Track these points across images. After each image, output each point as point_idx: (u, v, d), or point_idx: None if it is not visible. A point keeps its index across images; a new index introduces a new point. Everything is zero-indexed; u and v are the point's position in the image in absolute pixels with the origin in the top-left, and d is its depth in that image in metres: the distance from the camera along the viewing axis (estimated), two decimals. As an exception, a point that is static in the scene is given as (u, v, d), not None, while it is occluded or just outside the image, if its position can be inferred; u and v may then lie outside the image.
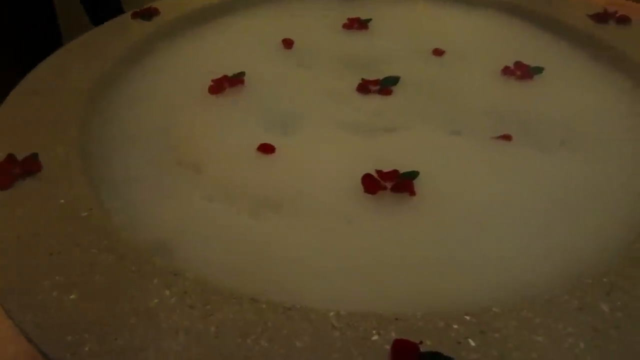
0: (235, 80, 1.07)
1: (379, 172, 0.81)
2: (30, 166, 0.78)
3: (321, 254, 0.71)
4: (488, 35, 1.28)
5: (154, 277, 0.61)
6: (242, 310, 0.57)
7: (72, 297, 0.59)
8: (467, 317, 0.56)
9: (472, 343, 0.54)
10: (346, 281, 0.67)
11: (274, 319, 0.56)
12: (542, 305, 0.58)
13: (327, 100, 1.07)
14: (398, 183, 0.79)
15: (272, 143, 0.90)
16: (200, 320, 0.56)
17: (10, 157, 0.79)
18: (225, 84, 1.07)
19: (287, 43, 1.27)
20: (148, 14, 1.32)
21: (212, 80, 1.07)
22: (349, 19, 1.36)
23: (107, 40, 1.21)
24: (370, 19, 1.36)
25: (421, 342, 0.53)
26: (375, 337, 0.54)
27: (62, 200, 0.73)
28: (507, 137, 0.92)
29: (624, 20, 1.23)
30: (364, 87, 1.10)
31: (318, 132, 0.97)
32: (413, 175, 0.81)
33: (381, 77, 1.12)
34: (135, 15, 1.32)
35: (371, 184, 0.79)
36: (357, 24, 1.36)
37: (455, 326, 0.55)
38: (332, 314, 0.57)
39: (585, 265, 0.66)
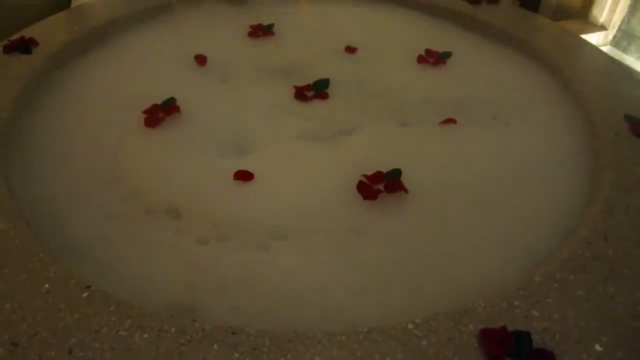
0: (171, 108, 0.98)
1: (368, 177, 0.83)
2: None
3: (348, 271, 0.71)
4: (390, 29, 1.36)
5: (213, 342, 0.55)
6: (324, 349, 0.55)
7: None
8: (521, 292, 0.62)
9: (536, 313, 0.60)
10: (384, 290, 0.68)
11: (358, 347, 0.55)
12: (565, 263, 0.66)
13: (269, 113, 1.05)
14: (389, 183, 0.82)
15: (239, 168, 0.86)
16: (289, 372, 0.52)
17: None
18: (160, 114, 0.97)
19: (200, 59, 1.19)
20: (25, 46, 1.13)
21: (144, 112, 0.97)
22: (252, 26, 1.33)
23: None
24: (273, 24, 1.34)
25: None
26: (458, 334, 0.57)
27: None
28: (452, 121, 1.01)
29: (492, 0, 1.42)
30: (301, 95, 1.09)
31: (279, 148, 0.95)
32: (398, 173, 0.84)
33: (307, 82, 1.12)
34: (8, 49, 1.11)
35: (368, 190, 0.80)
36: (262, 31, 1.33)
37: (516, 302, 0.61)
38: (410, 325, 0.58)
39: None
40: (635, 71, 1.91)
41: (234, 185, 0.83)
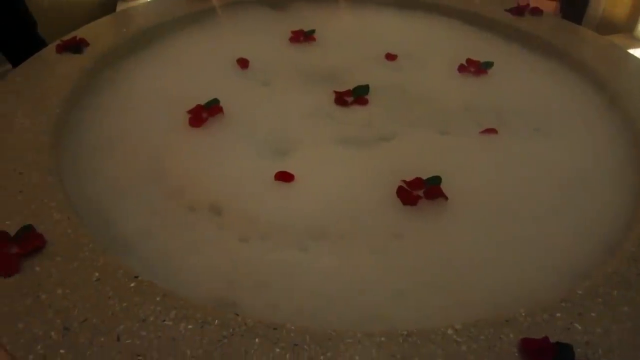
0: (214, 109, 1.01)
1: (407, 182, 0.83)
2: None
3: (389, 274, 0.71)
4: (430, 37, 1.37)
5: (254, 336, 0.56)
6: (363, 349, 0.55)
7: None
8: (563, 304, 0.61)
9: (578, 326, 0.59)
10: (423, 294, 0.68)
11: (398, 349, 0.56)
12: (610, 278, 0.65)
13: (309, 117, 1.06)
14: (429, 190, 0.82)
15: (279, 169, 0.87)
16: (328, 370, 0.53)
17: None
18: (204, 114, 1.00)
19: (243, 63, 1.22)
20: (76, 46, 1.18)
21: (189, 112, 1.00)
22: (293, 32, 1.35)
23: (40, 80, 1.05)
24: (314, 30, 1.37)
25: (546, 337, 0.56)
26: (498, 343, 0.57)
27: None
28: (493, 131, 1.00)
29: (536, 12, 1.40)
30: (341, 100, 1.11)
31: (318, 151, 0.96)
32: (437, 180, 0.84)
33: (347, 87, 1.13)
34: (61, 49, 1.16)
35: (407, 195, 0.81)
36: (303, 37, 1.35)
37: (558, 314, 0.60)
38: (449, 330, 0.58)
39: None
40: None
41: (275, 186, 0.84)
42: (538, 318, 0.59)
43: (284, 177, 0.85)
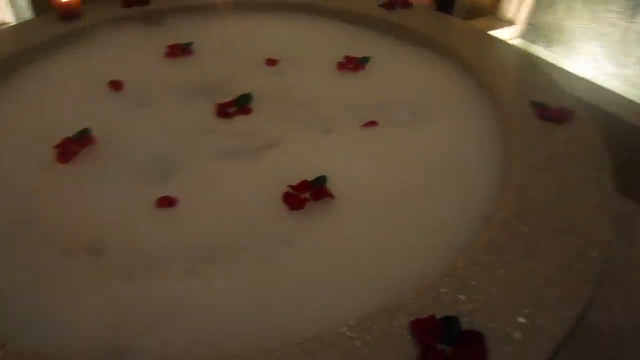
0: (85, 140, 0.94)
1: (293, 187, 0.83)
2: None
3: (281, 284, 0.70)
4: (309, 39, 1.38)
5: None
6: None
7: None
8: (446, 279, 0.64)
9: (462, 297, 0.62)
10: (319, 298, 0.68)
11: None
12: (486, 246, 0.69)
13: (190, 134, 1.02)
14: (315, 191, 0.82)
15: (160, 195, 0.83)
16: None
17: None
18: (74, 147, 0.93)
19: (115, 85, 1.15)
20: None
21: (56, 147, 0.92)
22: (169, 46, 1.31)
23: None
24: (191, 43, 1.33)
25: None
26: (391, 330, 0.58)
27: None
28: (373, 123, 1.03)
29: (406, 4, 1.47)
30: (223, 112, 1.08)
31: (202, 170, 0.92)
32: (323, 180, 0.85)
33: (230, 98, 1.11)
34: None
35: (294, 200, 0.80)
36: (179, 51, 1.31)
37: (443, 290, 0.62)
38: (344, 328, 0.58)
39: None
40: (541, 60, 2.04)
41: (157, 213, 0.80)
42: (425, 298, 0.61)
43: (166, 202, 0.81)
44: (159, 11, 1.47)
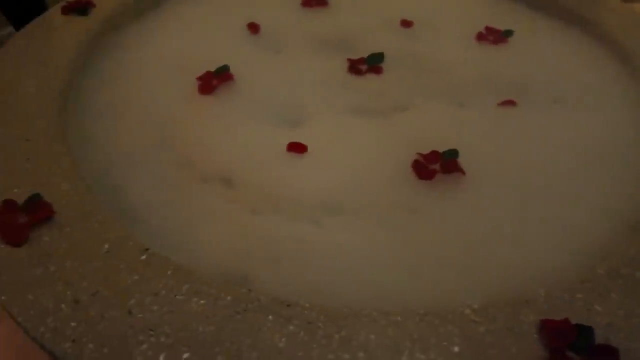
0: (224, 76, 0.98)
1: (423, 155, 0.81)
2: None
3: (402, 250, 0.70)
4: (449, 3, 1.31)
5: (268, 313, 0.55)
6: (380, 328, 0.54)
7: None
8: (584, 284, 0.60)
9: (599, 308, 0.57)
10: (439, 272, 0.67)
11: (415, 328, 0.54)
12: (632, 259, 0.63)
13: (323, 86, 1.03)
14: (445, 164, 0.80)
15: (291, 139, 0.85)
16: (343, 349, 0.52)
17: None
18: (214, 81, 0.97)
19: (253, 28, 1.17)
20: (82, 7, 1.14)
21: (198, 79, 0.97)
22: (306, -7, 1.30)
23: (45, 44, 1.02)
24: (326, -7, 1.31)
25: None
26: (517, 324, 0.55)
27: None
28: (511, 102, 0.97)
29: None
30: (355, 68, 1.07)
31: (332, 121, 0.93)
32: (454, 154, 0.82)
33: (361, 55, 1.09)
34: (66, 10, 1.12)
35: (423, 170, 0.78)
36: (315, 0, 1.30)
37: (578, 295, 0.58)
38: (467, 310, 0.56)
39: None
40: None
41: (287, 157, 0.82)
42: (558, 299, 0.58)
43: (297, 148, 0.83)
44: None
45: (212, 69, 0.99)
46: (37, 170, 0.72)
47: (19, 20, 1.54)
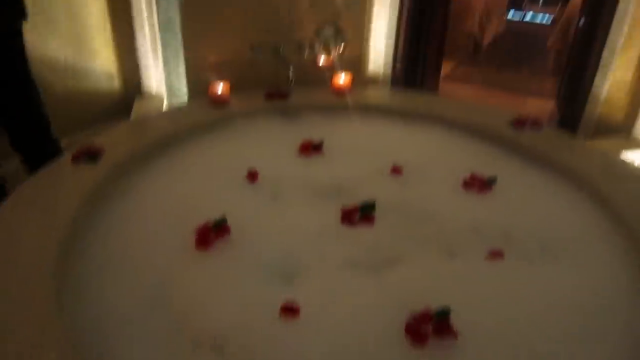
0: (222, 229, 1.01)
1: (415, 316, 0.81)
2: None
3: None
4: (436, 151, 1.41)
5: None
6: None
7: None
8: None
9: None
10: None
11: None
12: None
13: (317, 236, 1.06)
14: (438, 326, 0.80)
15: (285, 297, 0.85)
16: None
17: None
18: (211, 235, 1.00)
19: (252, 176, 1.24)
20: (92, 154, 1.21)
21: (196, 232, 1.00)
22: (303, 142, 1.39)
23: (52, 193, 1.08)
24: (322, 142, 1.40)
25: None
26: None
27: None
28: (499, 255, 1.00)
29: (537, 124, 1.45)
30: (347, 218, 1.11)
31: (325, 278, 0.95)
32: (446, 312, 0.82)
33: (354, 201, 1.13)
34: (76, 159, 1.19)
35: (416, 335, 0.78)
36: (311, 148, 1.39)
37: None
38: None
39: None
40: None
41: (279, 323, 0.82)
42: None
43: (290, 312, 0.83)
44: (296, 106, 1.61)
45: (211, 216, 1.02)
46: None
47: (30, 158, 1.61)
